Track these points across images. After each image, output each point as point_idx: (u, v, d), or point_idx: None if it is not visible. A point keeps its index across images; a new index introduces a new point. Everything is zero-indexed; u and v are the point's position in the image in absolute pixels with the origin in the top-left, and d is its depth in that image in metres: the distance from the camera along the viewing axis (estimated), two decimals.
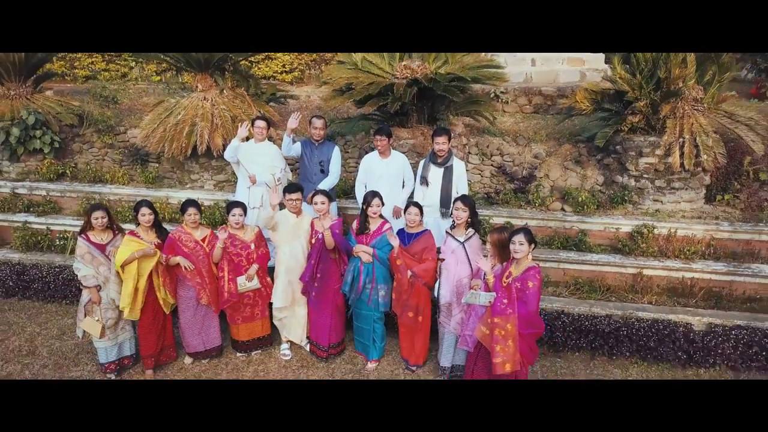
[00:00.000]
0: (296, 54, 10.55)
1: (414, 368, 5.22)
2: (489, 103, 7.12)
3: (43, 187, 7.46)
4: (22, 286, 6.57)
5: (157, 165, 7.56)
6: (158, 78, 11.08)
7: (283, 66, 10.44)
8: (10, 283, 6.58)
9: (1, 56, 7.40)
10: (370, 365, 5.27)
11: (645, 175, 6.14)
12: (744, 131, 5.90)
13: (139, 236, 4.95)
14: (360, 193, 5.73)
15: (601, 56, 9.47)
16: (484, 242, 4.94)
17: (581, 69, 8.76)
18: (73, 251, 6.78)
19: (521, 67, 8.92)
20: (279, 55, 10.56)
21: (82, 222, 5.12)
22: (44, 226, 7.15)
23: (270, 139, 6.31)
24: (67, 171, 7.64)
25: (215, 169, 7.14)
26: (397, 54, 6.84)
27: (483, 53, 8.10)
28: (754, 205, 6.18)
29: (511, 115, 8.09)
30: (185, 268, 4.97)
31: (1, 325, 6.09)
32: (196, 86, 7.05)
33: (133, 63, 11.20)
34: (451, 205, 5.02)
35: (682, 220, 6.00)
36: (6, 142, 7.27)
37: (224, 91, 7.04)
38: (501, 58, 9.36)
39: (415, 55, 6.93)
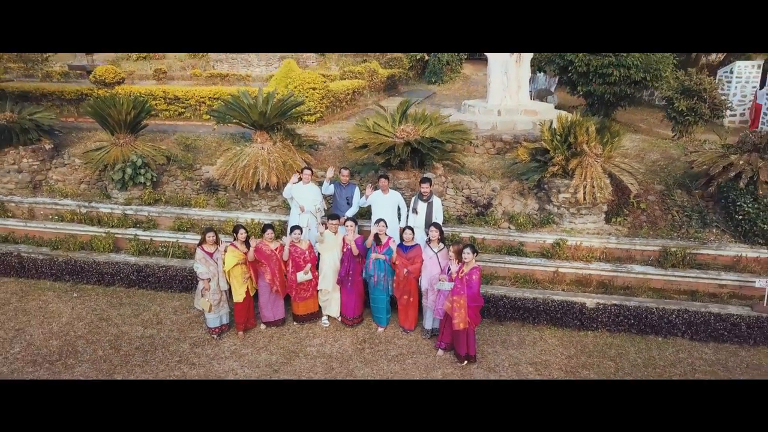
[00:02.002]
0: (318, 99, 13.50)
1: (408, 332, 8.23)
2: (461, 153, 10.09)
3: (145, 210, 10.47)
4: (140, 279, 9.58)
5: (225, 193, 10.56)
6: (207, 117, 14.02)
7: (308, 109, 13.39)
8: (132, 277, 9.59)
9: (115, 115, 10.40)
10: (380, 330, 8.29)
11: (563, 206, 9.14)
12: (626, 177, 8.91)
13: (237, 247, 7.97)
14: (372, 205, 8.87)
15: (550, 107, 12.48)
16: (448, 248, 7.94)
17: (533, 119, 11.74)
18: (173, 255, 9.84)
19: (489, 117, 11.91)
20: (305, 101, 13.51)
21: (199, 238, 8.16)
22: (149, 238, 10.17)
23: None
24: (162, 198, 10.64)
25: (269, 197, 10.14)
26: (398, 116, 9.84)
27: (456, 120, 11.08)
28: (636, 225, 9.20)
29: (480, 156, 11.07)
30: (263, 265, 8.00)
31: (132, 305, 9.10)
32: (256, 139, 10.05)
33: (187, 105, 14.17)
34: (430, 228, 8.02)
35: (586, 235, 9.02)
36: (121, 179, 10.26)
37: (276, 143, 10.03)
38: (475, 108, 12.39)
39: (410, 117, 9.94)
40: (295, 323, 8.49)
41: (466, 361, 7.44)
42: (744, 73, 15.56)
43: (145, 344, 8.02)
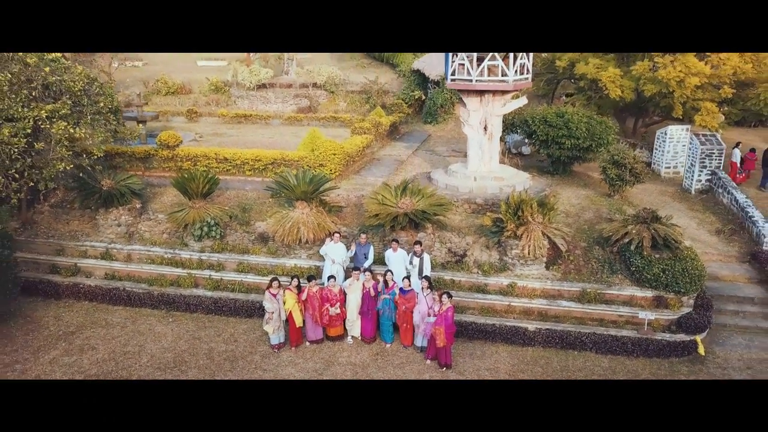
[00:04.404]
0: (338, 162, 17.34)
1: (406, 348, 12.11)
2: (444, 215, 13.96)
3: (216, 256, 14.36)
4: (216, 308, 13.44)
5: (274, 243, 14.44)
6: (250, 173, 17.86)
7: (330, 171, 17.25)
8: (211, 307, 13.47)
9: (194, 187, 14.24)
10: (387, 346, 12.19)
11: (515, 258, 13.03)
12: (558, 239, 12.80)
13: (292, 290, 11.87)
14: (386, 260, 12.71)
15: (514, 172, 16.41)
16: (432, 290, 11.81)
17: (501, 184, 15.59)
18: (238, 291, 13.74)
19: (467, 182, 15.77)
20: (327, 163, 17.34)
21: (260, 279, 12.05)
22: (219, 277, 14.06)
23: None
24: (226, 247, 14.54)
25: (307, 248, 14.02)
26: (399, 192, 13.73)
27: (442, 183, 14.98)
28: (566, 272, 13.10)
29: (460, 215, 14.93)
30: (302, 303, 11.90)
31: (214, 328, 12.98)
32: (298, 206, 13.92)
33: (234, 164, 18.02)
34: (422, 277, 11.92)
35: (530, 279, 12.91)
36: (199, 234, 14.16)
37: (312, 209, 13.91)
38: (458, 173, 16.27)
39: (408, 191, 13.82)
40: (328, 341, 12.39)
41: (445, 368, 11.35)
42: (675, 135, 19.49)
43: (230, 356, 11.92)
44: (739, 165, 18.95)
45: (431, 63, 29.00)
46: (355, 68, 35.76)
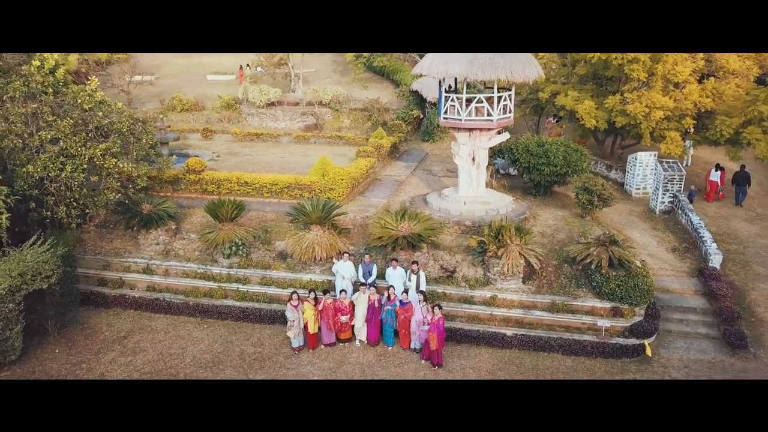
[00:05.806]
0: (345, 186, 19.73)
1: (405, 350, 14.54)
2: (437, 236, 16.39)
3: (242, 272, 16.78)
4: (244, 316, 15.86)
5: (291, 260, 16.85)
6: (268, 195, 20.26)
7: (339, 194, 19.65)
8: (239, 315, 15.87)
9: (224, 213, 16.66)
10: (389, 348, 14.62)
11: (496, 274, 15.47)
12: (533, 259, 15.23)
13: (310, 302, 14.29)
14: (387, 277, 15.13)
15: (498, 196, 18.85)
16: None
17: (486, 208, 18.00)
18: (262, 301, 16.19)
19: (458, 206, 18.17)
20: (336, 187, 19.72)
21: (281, 291, 14.50)
22: (246, 289, 16.48)
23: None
24: (251, 263, 16.96)
25: (321, 264, 16.44)
26: (399, 217, 16.15)
27: (436, 206, 17.42)
28: (540, 286, 15.52)
29: (451, 235, 17.35)
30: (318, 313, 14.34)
31: (242, 333, 15.40)
32: (312, 229, 16.34)
33: (254, 187, 20.40)
34: (418, 291, 14.35)
35: (509, 292, 15.34)
36: (231, 254, 16.57)
37: (325, 231, 16.32)
38: (450, 197, 18.70)
39: (406, 216, 16.24)
40: (340, 344, 14.82)
41: (437, 367, 13.78)
42: (644, 159, 21.93)
43: (258, 357, 14.35)
44: (719, 185, 21.38)
45: (428, 85, 31.39)
46: (357, 83, 37.95)
